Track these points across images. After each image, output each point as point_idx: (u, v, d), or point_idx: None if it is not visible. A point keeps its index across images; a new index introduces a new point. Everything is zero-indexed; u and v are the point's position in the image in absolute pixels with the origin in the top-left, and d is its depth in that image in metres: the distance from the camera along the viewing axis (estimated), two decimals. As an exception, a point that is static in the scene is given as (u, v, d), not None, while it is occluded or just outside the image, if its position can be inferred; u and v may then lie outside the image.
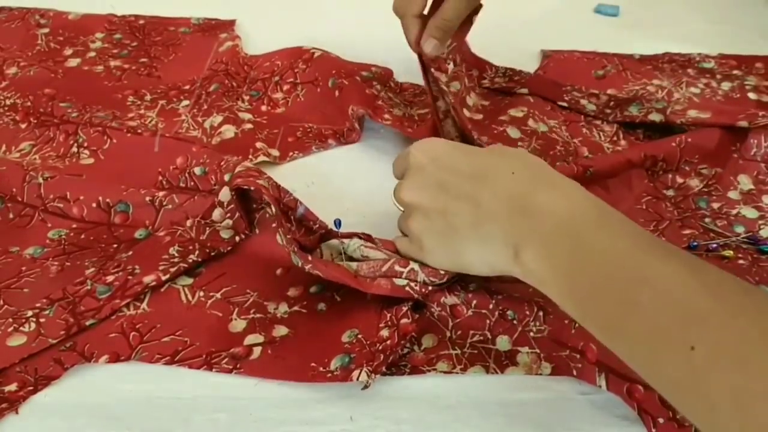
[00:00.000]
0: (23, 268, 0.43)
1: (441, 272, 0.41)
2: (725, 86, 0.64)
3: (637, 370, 0.31)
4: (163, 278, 0.42)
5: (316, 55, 0.62)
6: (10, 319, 0.40)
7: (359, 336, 0.39)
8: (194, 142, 0.52)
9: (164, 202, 0.47)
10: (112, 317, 0.41)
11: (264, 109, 0.59)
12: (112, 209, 0.47)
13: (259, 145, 0.54)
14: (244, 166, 0.47)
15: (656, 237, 0.33)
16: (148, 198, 0.47)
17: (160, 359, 0.38)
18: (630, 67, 0.67)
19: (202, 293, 0.43)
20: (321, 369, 0.38)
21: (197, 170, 0.49)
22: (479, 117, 0.59)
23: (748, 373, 0.25)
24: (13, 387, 0.37)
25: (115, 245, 0.45)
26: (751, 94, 0.63)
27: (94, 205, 0.47)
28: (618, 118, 0.59)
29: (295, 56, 0.63)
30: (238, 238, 0.45)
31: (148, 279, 0.42)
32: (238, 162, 0.48)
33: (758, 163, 0.54)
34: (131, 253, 0.44)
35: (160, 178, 0.50)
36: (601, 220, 0.34)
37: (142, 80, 0.62)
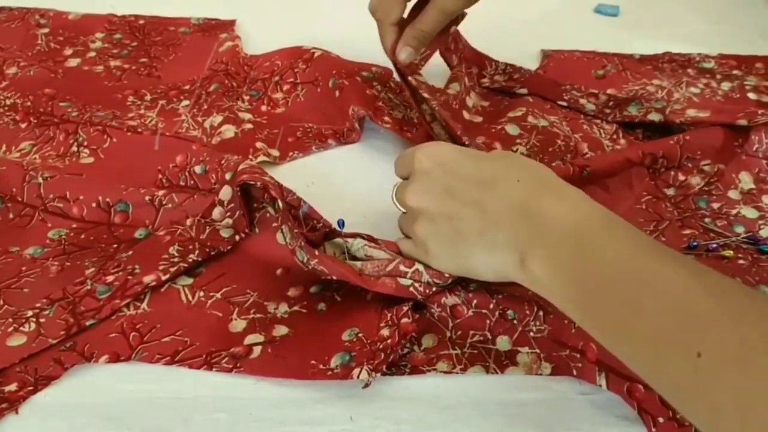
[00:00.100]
0: (23, 268, 0.43)
1: (445, 275, 0.41)
2: (725, 86, 0.64)
3: (638, 373, 0.31)
4: (163, 278, 0.42)
5: (317, 55, 0.62)
6: (10, 319, 0.40)
7: (360, 335, 0.39)
8: (194, 141, 0.52)
9: (164, 202, 0.47)
10: (112, 317, 0.41)
11: (264, 109, 0.59)
12: (112, 209, 0.47)
13: (259, 145, 0.54)
14: (247, 164, 0.47)
15: (660, 243, 0.33)
16: (147, 197, 0.47)
17: (160, 359, 0.38)
18: (630, 67, 0.67)
19: (202, 293, 0.43)
20: (321, 367, 0.38)
21: (197, 169, 0.49)
22: (479, 120, 0.59)
23: (749, 375, 0.25)
24: (13, 387, 0.37)
25: (115, 245, 0.45)
26: (751, 94, 0.63)
27: (94, 204, 0.47)
28: (617, 118, 0.59)
29: (295, 56, 0.63)
30: (238, 237, 0.45)
31: (148, 279, 0.42)
32: (240, 161, 0.48)
33: (760, 160, 0.54)
34: (131, 252, 0.44)
35: (160, 177, 0.50)
36: (607, 229, 0.34)
37: (142, 80, 0.62)
